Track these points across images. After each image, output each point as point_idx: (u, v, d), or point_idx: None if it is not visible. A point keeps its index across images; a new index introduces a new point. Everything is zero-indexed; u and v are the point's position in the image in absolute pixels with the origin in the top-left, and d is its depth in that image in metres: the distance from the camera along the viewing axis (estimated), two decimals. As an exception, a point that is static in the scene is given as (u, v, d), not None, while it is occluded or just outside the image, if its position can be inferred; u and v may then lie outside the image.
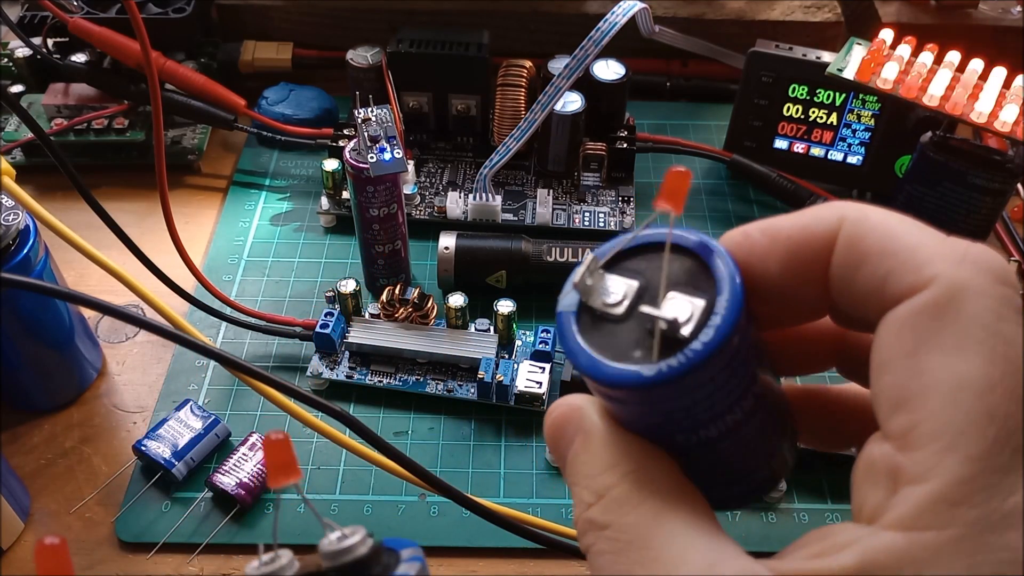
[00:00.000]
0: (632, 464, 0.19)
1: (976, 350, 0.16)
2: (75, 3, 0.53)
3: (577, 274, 0.19)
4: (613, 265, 0.20)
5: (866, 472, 0.17)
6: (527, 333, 0.45)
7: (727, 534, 0.18)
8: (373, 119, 0.42)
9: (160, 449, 0.39)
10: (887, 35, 0.47)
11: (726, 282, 0.18)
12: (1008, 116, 0.42)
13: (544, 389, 0.41)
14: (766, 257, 0.19)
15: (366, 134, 0.42)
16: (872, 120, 0.51)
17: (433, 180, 0.53)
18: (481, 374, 0.41)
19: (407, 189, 0.50)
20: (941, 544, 0.15)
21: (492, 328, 0.44)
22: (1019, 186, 0.53)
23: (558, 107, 0.49)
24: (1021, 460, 0.15)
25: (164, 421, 0.40)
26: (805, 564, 0.17)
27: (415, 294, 0.44)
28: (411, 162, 0.51)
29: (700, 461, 0.19)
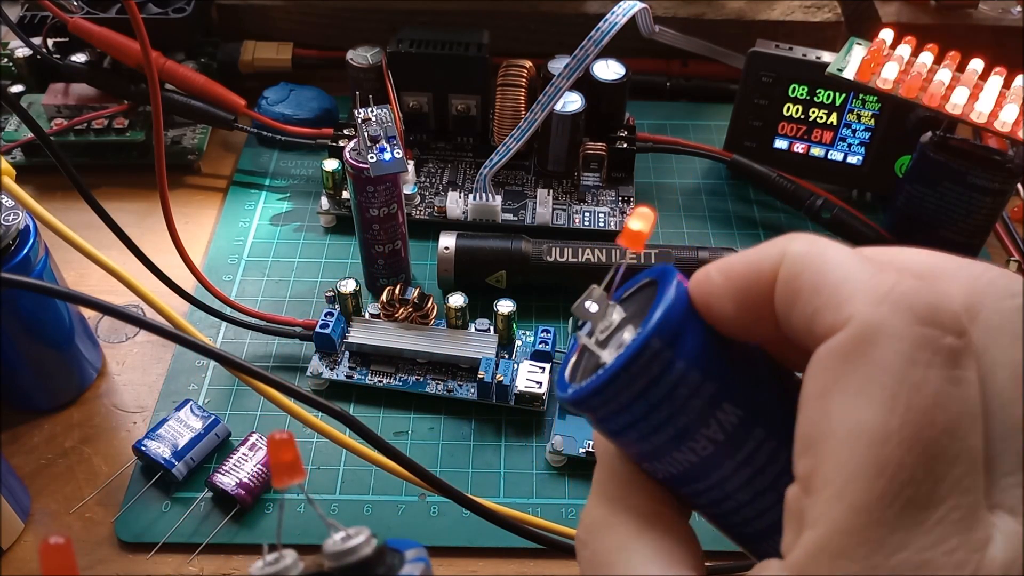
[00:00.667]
0: (618, 491, 0.20)
1: (878, 397, 0.15)
2: (75, 3, 0.53)
3: (582, 308, 0.20)
4: (624, 299, 0.21)
5: (785, 511, 0.17)
6: (527, 333, 0.45)
7: (699, 564, 0.20)
8: (373, 119, 0.42)
9: (160, 449, 0.39)
10: (887, 35, 0.47)
11: (659, 306, 0.18)
12: (1008, 116, 0.43)
13: (544, 389, 0.41)
14: (722, 296, 0.18)
15: (366, 134, 0.42)
16: (872, 120, 0.51)
17: (433, 180, 0.53)
18: (481, 374, 0.41)
19: (407, 189, 0.50)
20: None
21: (492, 328, 0.44)
22: (1019, 186, 0.53)
23: (558, 107, 0.49)
24: (913, 517, 0.14)
25: (164, 421, 0.40)
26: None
27: (415, 294, 0.44)
28: (411, 162, 0.51)
29: (702, 504, 0.20)
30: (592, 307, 0.20)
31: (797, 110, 0.52)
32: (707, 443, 0.18)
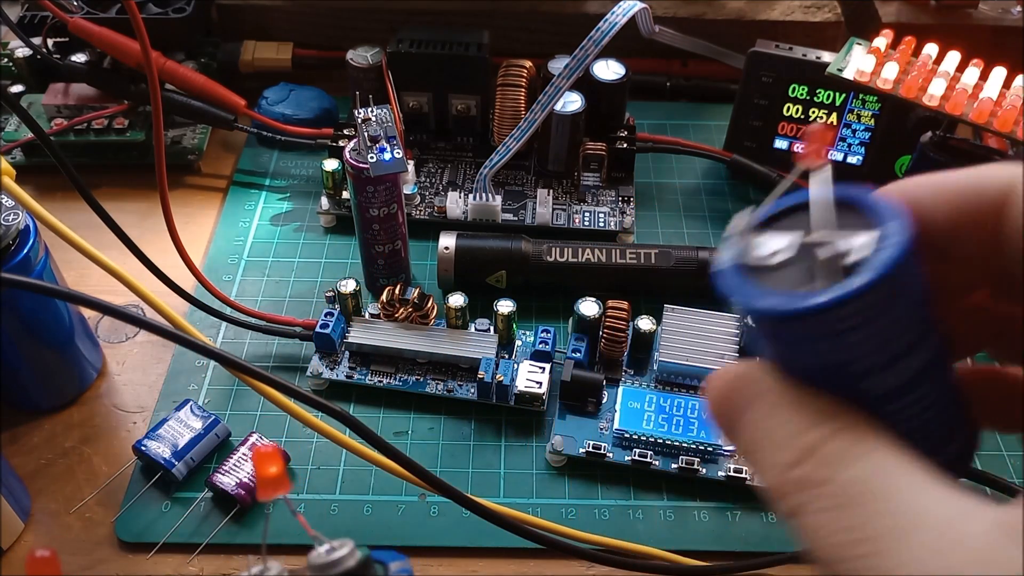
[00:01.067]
0: (840, 420, 0.18)
1: None
2: (75, 3, 0.53)
3: (732, 233, 0.20)
4: (763, 227, 0.20)
5: None
6: (527, 333, 0.45)
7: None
8: (373, 119, 0.42)
9: (160, 449, 0.39)
10: (887, 35, 0.47)
11: (894, 212, 0.17)
12: (1008, 116, 0.43)
13: (544, 389, 0.41)
14: (932, 207, 0.18)
15: (366, 134, 0.42)
16: (872, 120, 0.51)
17: (433, 180, 0.53)
18: (481, 374, 0.41)
19: (407, 189, 0.50)
20: None
21: (492, 328, 0.44)
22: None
23: (558, 107, 0.49)
24: None
25: (164, 421, 0.40)
26: None
27: (415, 294, 0.44)
28: (411, 162, 0.51)
29: (897, 419, 0.19)
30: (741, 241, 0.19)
31: (797, 110, 0.52)
32: (920, 361, 0.18)
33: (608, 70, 0.52)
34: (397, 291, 0.44)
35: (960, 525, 0.15)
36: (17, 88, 0.57)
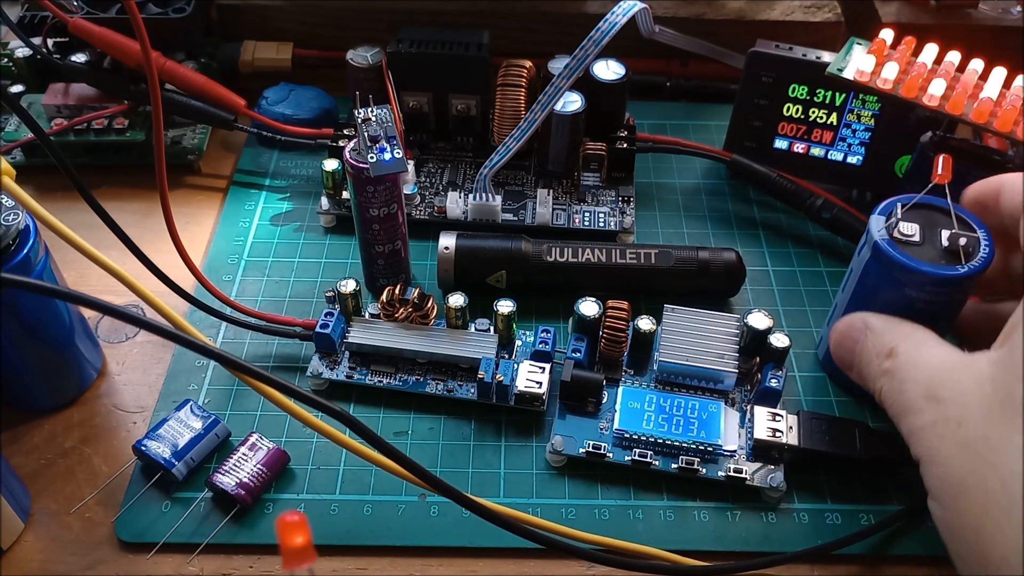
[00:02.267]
0: (904, 332, 0.35)
1: None
2: (75, 3, 0.53)
3: (882, 218, 0.38)
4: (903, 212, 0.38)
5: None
6: (527, 333, 0.45)
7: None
8: (373, 119, 0.42)
9: (160, 449, 0.39)
10: (887, 35, 0.47)
11: (982, 223, 0.38)
12: (1008, 116, 0.42)
13: (544, 389, 0.41)
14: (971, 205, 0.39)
15: (366, 134, 0.42)
16: (872, 120, 0.51)
17: (433, 180, 0.53)
18: (481, 374, 0.41)
19: (407, 189, 0.50)
20: None
21: (492, 328, 0.44)
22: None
23: (558, 107, 0.49)
24: None
25: (164, 421, 0.40)
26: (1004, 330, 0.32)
27: (415, 294, 0.44)
28: (411, 162, 0.51)
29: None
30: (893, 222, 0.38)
31: (797, 110, 0.52)
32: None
33: (608, 70, 0.52)
34: (397, 291, 0.44)
35: (949, 361, 0.32)
36: (17, 88, 0.57)
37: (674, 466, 0.40)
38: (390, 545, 0.38)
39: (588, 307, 0.43)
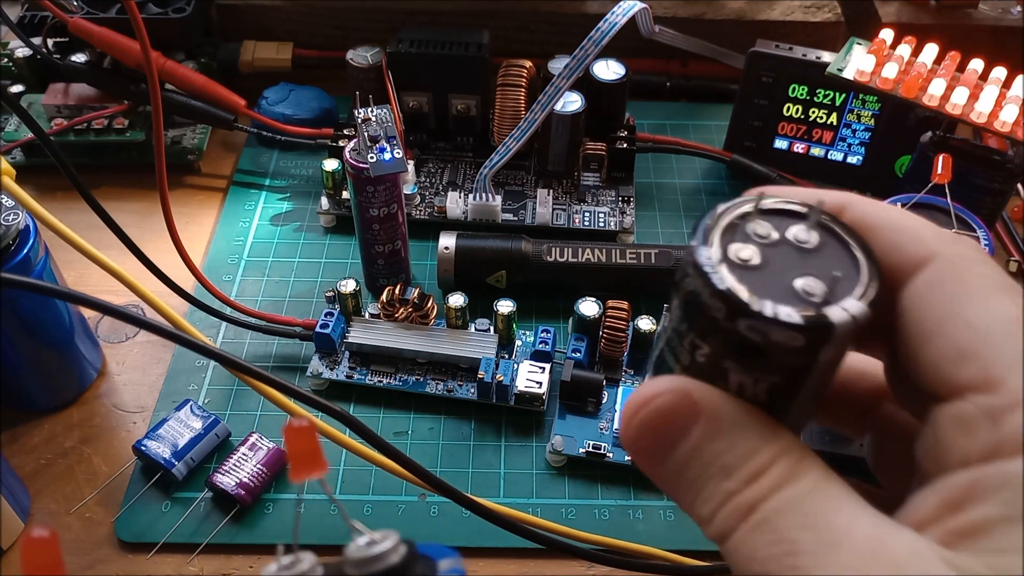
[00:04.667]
0: (779, 445, 0.18)
1: (1007, 296, 0.18)
2: (75, 3, 0.53)
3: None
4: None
5: (958, 427, 0.17)
6: (527, 333, 0.45)
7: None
8: (373, 119, 0.42)
9: (160, 449, 0.39)
10: (887, 35, 0.47)
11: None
12: (1008, 116, 0.43)
13: (544, 389, 0.41)
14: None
15: (366, 134, 0.42)
16: (872, 120, 0.51)
17: (433, 180, 0.53)
18: (481, 374, 0.41)
19: (407, 189, 0.50)
20: None
21: (492, 328, 0.44)
22: (1019, 186, 0.53)
23: (558, 107, 0.49)
24: None
25: (164, 421, 0.40)
26: (958, 524, 0.17)
27: (415, 294, 0.44)
28: (411, 162, 0.51)
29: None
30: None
31: (797, 110, 0.52)
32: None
33: (608, 70, 0.52)
34: (397, 291, 0.44)
35: (883, 540, 0.17)
36: (17, 88, 0.56)
37: (674, 466, 0.40)
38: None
39: (588, 307, 0.43)
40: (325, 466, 0.17)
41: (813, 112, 0.52)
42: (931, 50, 0.46)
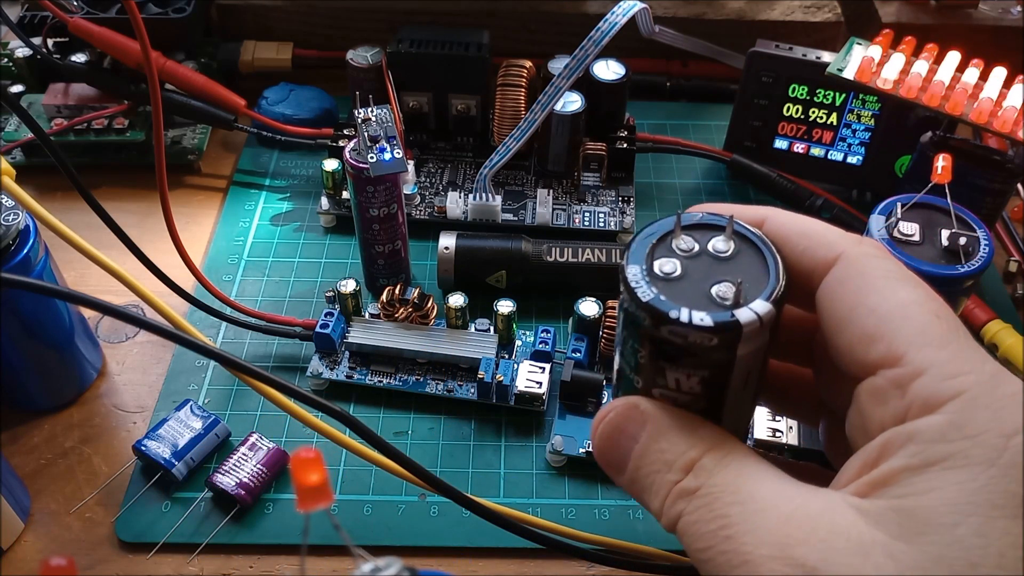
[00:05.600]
0: (709, 439, 0.22)
1: (903, 284, 0.21)
2: (75, 3, 0.53)
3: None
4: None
5: (873, 399, 0.20)
6: (527, 333, 0.45)
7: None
8: (373, 119, 0.42)
9: (160, 449, 0.39)
10: (887, 35, 0.47)
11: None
12: (1008, 116, 0.43)
13: (544, 389, 0.41)
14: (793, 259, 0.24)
15: (366, 134, 0.42)
16: (872, 120, 0.51)
17: (433, 180, 0.53)
18: (481, 374, 0.41)
19: (407, 189, 0.50)
20: (971, 397, 0.19)
21: (492, 328, 0.44)
22: (1019, 186, 0.53)
23: (558, 107, 0.49)
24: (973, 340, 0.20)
25: (164, 421, 0.40)
26: (871, 477, 0.20)
27: (415, 294, 0.44)
28: (411, 162, 0.51)
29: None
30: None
31: (797, 110, 0.52)
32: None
33: (608, 70, 0.52)
34: (397, 291, 0.44)
35: (802, 504, 0.20)
36: (17, 88, 0.57)
37: (674, 466, 0.40)
38: (390, 545, 0.38)
39: (588, 307, 0.43)
40: (331, 496, 0.18)
41: (813, 112, 0.52)
42: (931, 50, 0.46)
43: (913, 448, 0.19)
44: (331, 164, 0.51)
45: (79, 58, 0.54)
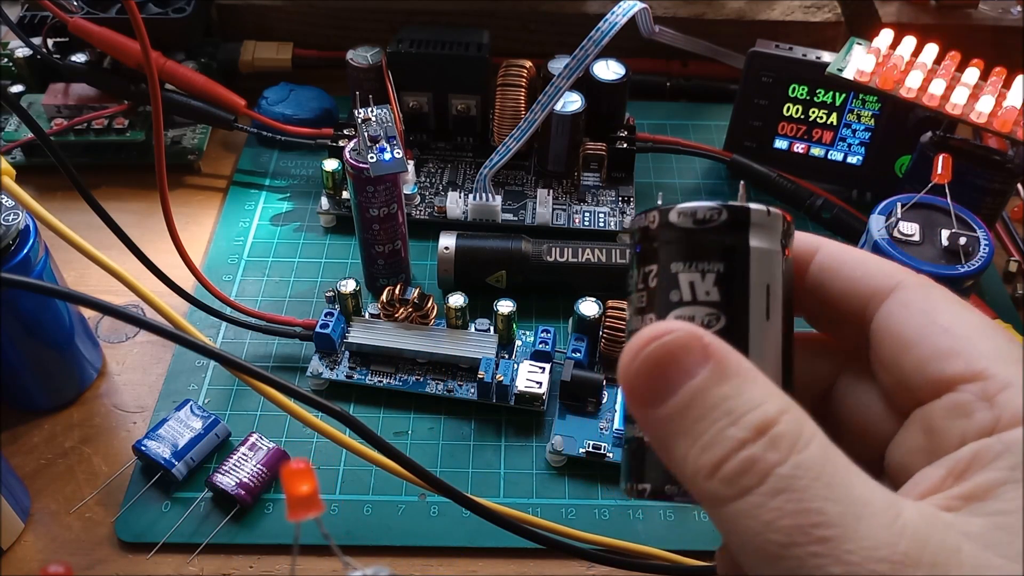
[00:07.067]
0: (785, 398, 0.18)
1: (968, 309, 0.21)
2: (75, 3, 0.53)
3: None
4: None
5: (954, 414, 0.19)
6: (527, 333, 0.45)
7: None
8: (373, 119, 0.42)
9: (160, 449, 0.39)
10: (887, 35, 0.47)
11: (983, 228, 0.31)
12: (1008, 116, 0.42)
13: (544, 389, 0.41)
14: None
15: (366, 134, 0.42)
16: (872, 120, 0.51)
17: (433, 180, 0.53)
18: (481, 374, 0.41)
19: (407, 189, 0.50)
20: None
21: (492, 328, 0.44)
22: (1019, 186, 0.53)
23: (558, 107, 0.49)
24: None
25: (164, 421, 0.40)
26: (961, 490, 0.18)
27: (415, 294, 0.44)
28: (411, 162, 0.51)
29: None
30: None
31: (797, 110, 0.52)
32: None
33: (608, 70, 0.52)
34: (397, 291, 0.44)
35: (899, 510, 0.17)
36: (17, 88, 0.57)
37: (674, 466, 0.40)
38: (390, 545, 0.38)
39: (588, 307, 0.43)
40: (322, 506, 0.18)
41: (813, 112, 0.52)
42: (931, 50, 0.46)
43: (1011, 460, 0.18)
44: (331, 164, 0.51)
45: (79, 58, 0.54)
